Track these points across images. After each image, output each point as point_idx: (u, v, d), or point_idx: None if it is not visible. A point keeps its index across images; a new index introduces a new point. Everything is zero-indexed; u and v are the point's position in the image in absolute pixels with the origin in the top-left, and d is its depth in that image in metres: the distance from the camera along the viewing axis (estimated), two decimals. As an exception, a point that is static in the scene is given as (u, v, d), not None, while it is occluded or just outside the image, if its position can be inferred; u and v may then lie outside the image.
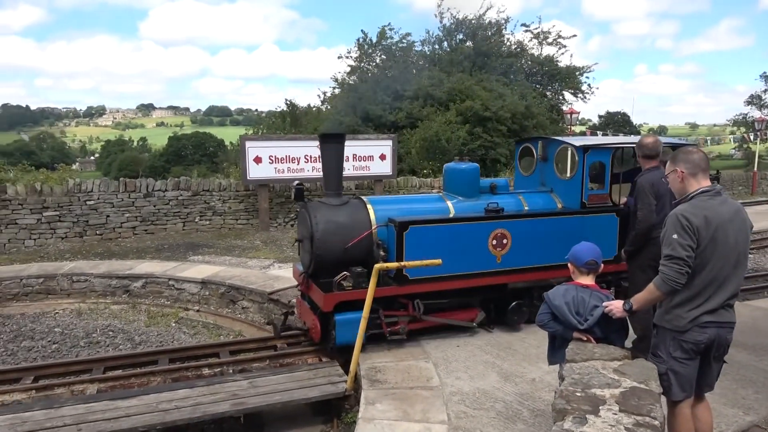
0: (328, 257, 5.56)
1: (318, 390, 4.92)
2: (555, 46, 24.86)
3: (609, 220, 6.20)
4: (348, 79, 23.88)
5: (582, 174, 6.10)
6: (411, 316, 5.70)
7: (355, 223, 5.66)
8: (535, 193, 6.61)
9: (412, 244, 5.50)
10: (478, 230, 5.78)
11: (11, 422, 4.34)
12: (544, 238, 5.95)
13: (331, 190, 5.88)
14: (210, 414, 4.55)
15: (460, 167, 6.30)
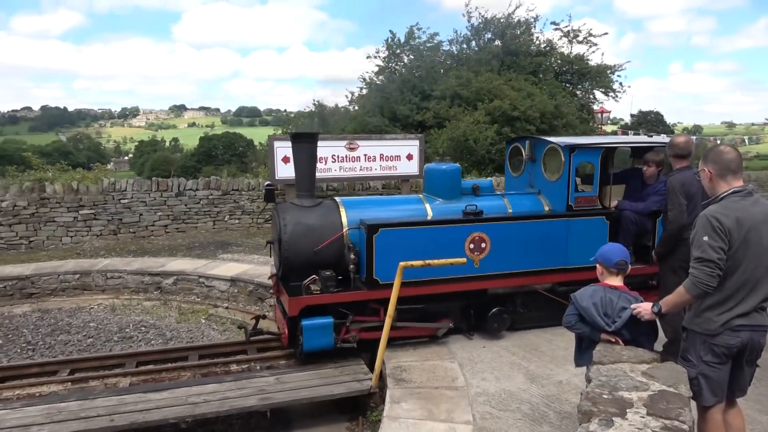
0: (297, 260, 5.43)
1: (343, 387, 4.96)
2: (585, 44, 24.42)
3: (598, 223, 5.96)
4: (376, 79, 23.92)
5: (568, 175, 5.88)
6: (381, 322, 5.41)
7: (326, 226, 5.52)
8: (522, 195, 6.41)
9: (382, 248, 5.32)
10: (453, 233, 5.56)
11: (48, 412, 4.50)
12: (526, 243, 5.72)
13: (303, 192, 5.73)
14: (237, 408, 4.63)
15: (441, 168, 6.09)
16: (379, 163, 12.28)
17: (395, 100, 20.82)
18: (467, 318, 5.90)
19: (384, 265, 5.35)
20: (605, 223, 5.98)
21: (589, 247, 5.83)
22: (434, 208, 5.89)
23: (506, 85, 20.21)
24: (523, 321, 6.00)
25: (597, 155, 6.03)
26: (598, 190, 6.07)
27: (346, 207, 5.69)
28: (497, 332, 5.83)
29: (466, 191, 6.12)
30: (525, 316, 6.00)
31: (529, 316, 6.01)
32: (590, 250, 5.88)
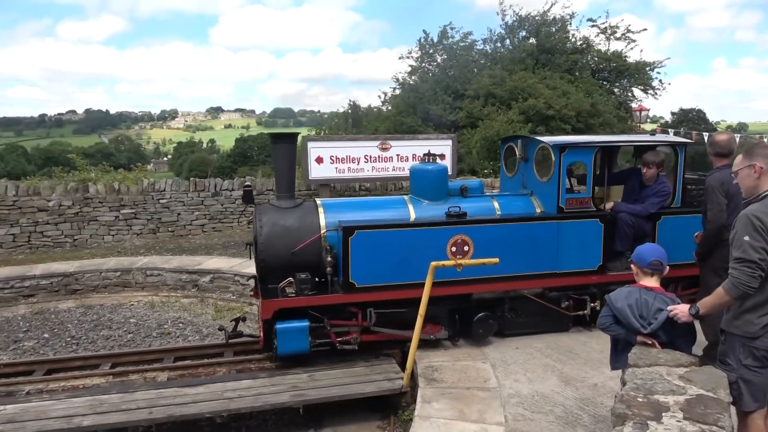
0: (274, 262, 5.37)
1: (375, 386, 4.99)
2: (624, 41, 23.87)
3: (591, 226, 5.72)
4: (408, 79, 23.92)
5: (558, 175, 5.65)
6: (360, 326, 5.44)
7: (304, 227, 5.43)
8: (514, 196, 6.19)
9: (359, 250, 5.21)
10: (434, 236, 5.38)
11: (90, 403, 4.68)
12: (512, 246, 5.49)
13: (283, 192, 5.67)
14: (271, 404, 4.72)
15: (426, 168, 5.88)
16: (411, 163, 12.27)
17: (428, 100, 20.79)
18: (453, 323, 5.70)
19: (360, 268, 5.25)
20: (599, 225, 5.72)
21: (582, 251, 5.74)
22: (418, 210, 5.72)
23: (541, 84, 19.93)
24: (513, 327, 5.78)
25: (590, 155, 5.78)
26: (592, 191, 5.83)
27: (325, 208, 5.61)
28: (482, 338, 5.64)
29: (454, 192, 5.93)
30: (514, 321, 5.78)
31: (519, 322, 5.80)
32: (583, 253, 5.75)
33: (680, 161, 5.87)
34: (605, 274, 5.83)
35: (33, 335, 7.55)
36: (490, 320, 5.63)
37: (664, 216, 5.86)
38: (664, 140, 6.46)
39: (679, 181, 5.94)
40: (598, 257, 5.76)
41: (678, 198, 5.96)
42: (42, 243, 11.01)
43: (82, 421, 4.40)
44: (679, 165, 5.88)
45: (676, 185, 5.94)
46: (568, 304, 5.83)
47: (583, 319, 5.94)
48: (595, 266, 5.77)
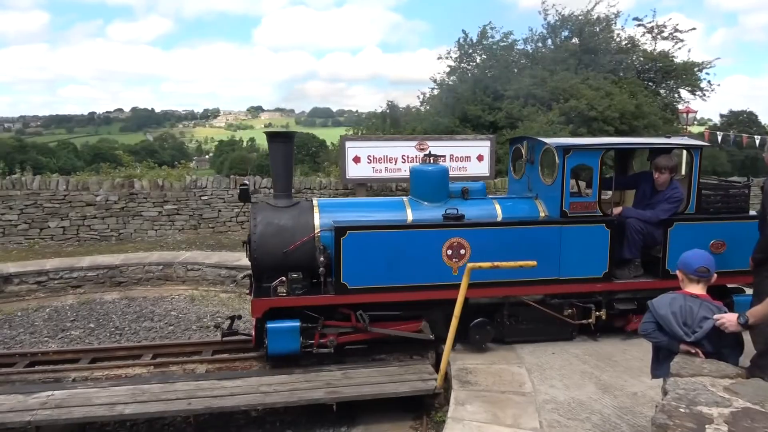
0: (267, 261, 5.36)
1: (408, 386, 4.99)
2: (671, 40, 23.16)
3: (596, 231, 5.51)
4: (447, 79, 23.79)
5: (562, 178, 5.47)
6: (355, 327, 5.41)
7: (298, 227, 5.40)
8: (517, 199, 6.04)
9: (351, 251, 5.15)
10: (429, 238, 5.27)
11: (132, 392, 4.83)
12: (511, 250, 5.28)
13: (279, 192, 5.67)
14: (305, 399, 4.77)
15: (425, 169, 5.79)
16: (449, 164, 12.21)
17: (466, 101, 20.62)
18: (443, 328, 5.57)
19: (352, 270, 5.20)
20: (605, 231, 5.52)
21: (587, 258, 5.54)
22: (416, 212, 5.64)
23: (583, 84, 19.53)
24: (513, 334, 5.64)
25: (596, 157, 5.57)
26: (598, 195, 5.62)
27: (321, 208, 5.58)
28: (479, 344, 5.51)
29: (455, 194, 5.82)
30: (515, 328, 5.64)
31: (520, 329, 5.66)
32: (587, 259, 5.57)
33: (695, 165, 5.62)
34: (611, 282, 5.64)
35: (79, 324, 7.84)
36: (487, 326, 5.49)
37: (676, 222, 5.63)
38: (677, 143, 6.17)
39: (694, 186, 5.67)
40: (603, 264, 5.57)
41: (692, 204, 5.70)
42: (89, 236, 11.44)
43: (123, 409, 4.55)
44: (694, 169, 5.63)
45: (690, 190, 5.68)
46: (571, 312, 5.65)
47: (588, 328, 5.73)
48: (601, 273, 5.58)
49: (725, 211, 5.77)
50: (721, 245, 5.66)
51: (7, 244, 11.00)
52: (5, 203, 11.08)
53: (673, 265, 5.60)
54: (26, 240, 11.15)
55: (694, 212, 5.72)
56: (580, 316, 5.70)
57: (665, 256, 5.65)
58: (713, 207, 5.78)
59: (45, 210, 11.26)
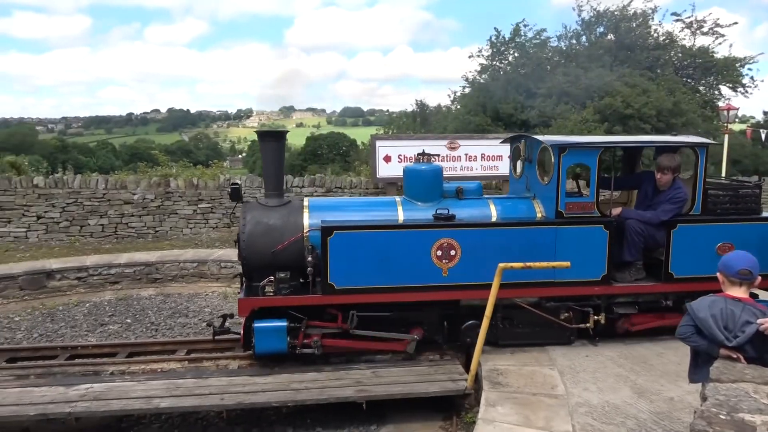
0: (255, 260, 5.36)
1: (438, 386, 4.96)
2: (711, 35, 22.46)
3: (594, 233, 5.33)
4: (478, 77, 23.61)
5: (557, 178, 5.30)
6: (341, 329, 5.33)
7: (287, 226, 5.36)
8: (515, 199, 5.90)
9: (338, 251, 5.09)
10: (417, 239, 5.16)
11: (167, 386, 4.94)
12: (503, 251, 5.16)
13: (270, 191, 5.63)
14: (335, 397, 4.80)
15: (418, 168, 5.69)
16: (480, 163, 12.13)
17: (498, 99, 20.42)
18: (441, 330, 5.53)
19: (339, 270, 5.13)
20: (603, 232, 5.33)
21: (584, 259, 5.33)
22: (407, 212, 5.54)
23: (619, 82, 19.10)
24: (508, 337, 5.52)
25: (593, 156, 5.39)
26: (596, 195, 5.42)
27: (310, 208, 5.53)
28: (471, 347, 5.34)
29: (449, 194, 5.72)
30: (510, 331, 5.53)
31: (516, 332, 5.54)
32: (585, 262, 5.37)
33: (700, 164, 5.40)
34: (610, 285, 5.46)
35: (117, 319, 8.06)
36: (479, 329, 5.33)
37: (680, 224, 5.44)
38: (681, 141, 5.91)
39: (700, 185, 5.45)
40: (601, 267, 5.38)
41: (698, 205, 5.48)
42: (127, 233, 11.76)
43: (159, 403, 4.66)
44: (699, 168, 5.40)
45: (695, 191, 5.46)
46: (567, 316, 5.50)
47: (586, 332, 5.58)
48: (599, 276, 5.40)
49: (734, 212, 5.56)
50: (728, 248, 5.41)
51: (50, 241, 11.40)
52: (48, 201, 11.48)
53: (676, 267, 5.46)
54: (68, 237, 11.53)
55: (699, 213, 5.50)
56: (578, 320, 5.54)
57: (668, 259, 5.45)
58: (720, 208, 5.56)
59: (85, 208, 11.62)
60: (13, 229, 11.42)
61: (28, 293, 8.88)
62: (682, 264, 5.44)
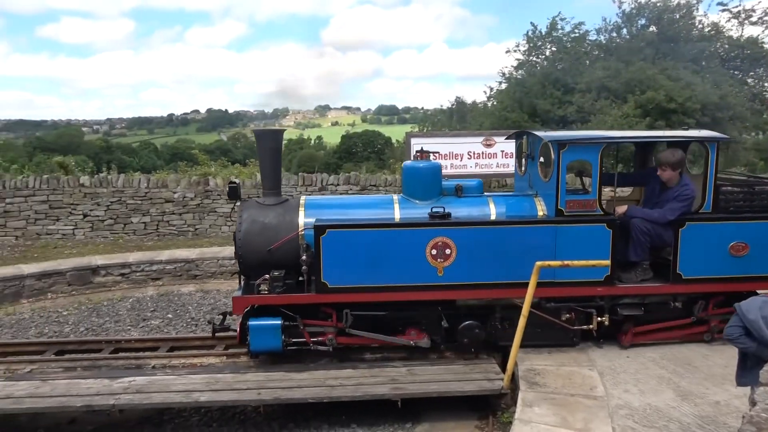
0: (251, 258, 5.39)
1: (474, 384, 4.92)
2: (760, 25, 21.53)
3: (596, 231, 5.15)
4: (515, 73, 23.26)
5: (557, 175, 5.14)
6: (336, 327, 5.34)
7: (283, 225, 5.37)
8: (516, 197, 5.76)
9: (331, 250, 5.07)
10: (411, 237, 5.11)
11: (207, 381, 5.05)
12: (500, 251, 5.10)
13: (268, 189, 5.66)
14: (370, 394, 4.82)
15: (416, 166, 5.64)
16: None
17: (535, 95, 20.09)
18: (438, 330, 5.43)
19: (333, 268, 5.12)
20: (606, 231, 5.15)
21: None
22: (404, 210, 5.47)
23: (661, 75, 18.53)
24: (507, 338, 5.29)
25: (595, 152, 5.18)
26: (598, 192, 5.23)
27: (306, 206, 5.53)
28: (469, 348, 5.40)
29: (449, 192, 5.63)
30: (509, 332, 5.29)
31: (511, 334, 5.29)
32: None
33: (711, 159, 5.16)
34: (614, 285, 5.27)
35: (159, 315, 8.28)
36: (476, 329, 5.33)
37: (689, 222, 5.22)
38: (690, 135, 5.69)
39: (710, 182, 5.20)
40: (605, 267, 5.17)
41: (708, 202, 5.24)
42: (168, 231, 12.07)
43: (199, 397, 4.77)
44: (710, 164, 5.16)
45: (706, 187, 5.22)
46: (569, 317, 5.35)
47: (590, 334, 5.43)
48: (602, 276, 5.21)
49: (749, 210, 5.30)
50: (742, 248, 5.22)
51: (96, 238, 11.80)
52: (93, 200, 11.89)
53: (685, 268, 5.25)
54: (112, 234, 11.91)
55: (710, 211, 5.26)
56: (581, 321, 5.39)
57: (676, 259, 5.24)
58: (734, 206, 5.30)
59: (128, 206, 11.98)
60: (61, 226, 11.87)
61: (76, 288, 9.23)
62: (692, 264, 5.25)
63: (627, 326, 5.41)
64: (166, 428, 5.01)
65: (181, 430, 5.00)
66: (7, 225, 11.67)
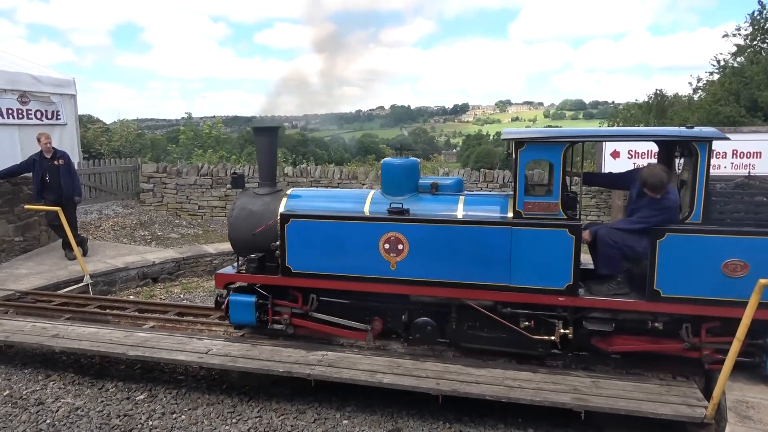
0: (239, 242, 6.04)
1: (670, 408, 4.46)
2: None
3: (557, 236, 4.84)
4: (732, 61, 20.34)
5: (515, 175, 4.95)
6: (301, 309, 5.79)
7: (266, 212, 5.89)
8: (491, 197, 5.79)
9: (294, 238, 5.51)
10: (365, 231, 5.32)
11: (389, 364, 5.33)
12: (453, 250, 5.08)
13: (264, 180, 6.23)
14: (550, 401, 4.65)
15: (390, 163, 5.74)
16: (730, 161, 10.59)
17: (757, 85, 17.39)
18: (397, 324, 5.63)
19: (296, 254, 5.56)
20: (569, 237, 4.80)
21: (544, 265, 4.89)
22: (374, 205, 5.60)
23: None
24: (468, 340, 5.43)
25: (557, 151, 4.84)
26: (561, 195, 4.88)
27: (290, 197, 5.98)
28: (420, 344, 5.60)
29: (424, 189, 5.66)
30: (469, 334, 5.40)
31: (478, 336, 5.39)
32: (544, 268, 4.72)
33: (701, 162, 4.53)
34: (577, 296, 4.90)
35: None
36: (429, 327, 5.46)
37: (669, 234, 4.64)
38: (674, 134, 4.97)
39: (700, 189, 4.57)
40: (566, 275, 4.89)
41: (697, 212, 4.60)
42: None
43: (382, 378, 5.05)
44: (700, 168, 4.54)
45: (695, 195, 4.58)
46: (528, 325, 5.15)
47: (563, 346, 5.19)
48: (562, 285, 4.89)
49: (753, 222, 4.54)
50: (740, 267, 4.52)
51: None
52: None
53: (664, 285, 4.72)
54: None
55: (699, 222, 4.62)
56: (545, 331, 5.14)
57: (653, 274, 4.72)
58: (731, 217, 4.63)
59: (322, 195, 13.11)
60: (267, 210, 13.46)
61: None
62: (673, 281, 4.71)
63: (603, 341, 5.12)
64: (350, 402, 5.39)
65: (363, 407, 5.34)
66: (226, 207, 13.55)
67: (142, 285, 9.38)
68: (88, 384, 5.88)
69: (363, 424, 5.07)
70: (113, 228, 12.29)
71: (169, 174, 13.79)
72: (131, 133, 17.96)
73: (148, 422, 5.14)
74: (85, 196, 12.10)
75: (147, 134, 25.13)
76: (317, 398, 5.45)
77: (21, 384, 5.92)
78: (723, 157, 10.67)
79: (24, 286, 8.12)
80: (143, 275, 9.45)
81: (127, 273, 9.26)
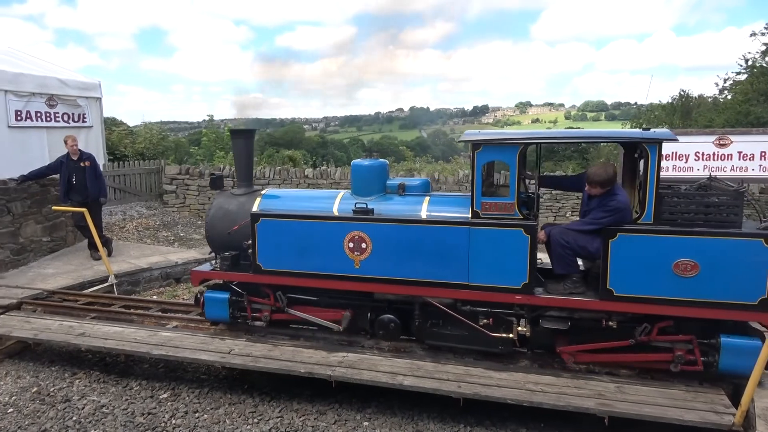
0: (215, 240, 6.25)
1: (696, 415, 4.39)
2: None
3: (512, 236, 4.96)
4: (762, 60, 19.91)
5: (472, 176, 5.07)
6: (274, 306, 5.96)
7: (241, 212, 6.08)
8: (456, 197, 5.79)
9: (264, 237, 5.67)
10: (331, 230, 5.48)
11: (410, 366, 5.35)
12: (413, 249, 5.24)
13: (240, 181, 6.50)
14: (573, 406, 4.60)
15: (359, 164, 5.94)
16: (758, 163, 10.33)
17: (787, 86, 17.00)
18: (363, 321, 5.83)
19: (266, 252, 5.73)
20: (524, 237, 4.92)
21: (501, 264, 5.03)
22: (342, 204, 5.81)
23: None
24: (432, 337, 5.58)
25: (513, 153, 4.96)
26: (516, 196, 4.99)
27: (264, 197, 6.22)
28: (384, 340, 5.74)
29: (392, 190, 5.86)
30: (433, 332, 5.56)
31: (443, 334, 5.53)
32: (502, 267, 5.04)
33: (651, 163, 4.61)
34: (532, 295, 5.02)
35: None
36: (391, 324, 5.61)
37: (620, 234, 4.71)
38: (624, 135, 5.33)
39: (651, 189, 4.64)
40: (522, 274, 5.01)
41: (649, 212, 4.68)
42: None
43: (403, 380, 5.05)
44: (651, 168, 4.62)
45: (646, 195, 4.65)
46: (486, 323, 5.28)
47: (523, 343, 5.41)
48: (519, 284, 5.02)
49: (703, 223, 4.59)
50: (690, 267, 4.57)
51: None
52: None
53: (617, 284, 4.79)
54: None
55: (650, 222, 4.68)
56: (504, 329, 5.28)
57: (606, 273, 4.79)
58: (682, 218, 4.66)
59: (342, 197, 13.14)
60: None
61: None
62: (626, 281, 4.77)
63: (561, 340, 5.21)
64: (370, 404, 5.40)
65: (383, 408, 5.34)
66: (247, 208, 13.67)
67: (165, 285, 9.53)
68: (113, 382, 5.98)
69: (384, 426, 5.08)
70: (137, 229, 12.49)
71: (192, 176, 13.97)
72: (155, 135, 18.22)
73: (171, 420, 5.22)
74: (110, 197, 12.31)
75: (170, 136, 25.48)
76: (338, 399, 5.47)
77: (48, 381, 6.05)
78: (751, 159, 10.44)
79: (51, 286, 8.29)
80: (166, 275, 9.59)
81: (151, 273, 9.41)
